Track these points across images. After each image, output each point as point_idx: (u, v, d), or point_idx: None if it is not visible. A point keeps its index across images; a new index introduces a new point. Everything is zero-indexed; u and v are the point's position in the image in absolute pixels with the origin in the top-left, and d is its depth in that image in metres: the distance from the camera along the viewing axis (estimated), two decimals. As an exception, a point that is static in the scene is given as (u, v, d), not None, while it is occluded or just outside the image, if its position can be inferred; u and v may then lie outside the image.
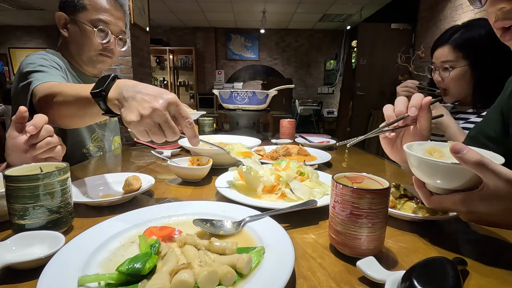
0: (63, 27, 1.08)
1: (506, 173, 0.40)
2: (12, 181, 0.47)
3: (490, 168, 0.40)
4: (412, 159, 0.49)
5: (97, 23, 1.05)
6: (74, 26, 1.06)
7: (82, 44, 1.08)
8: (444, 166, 0.44)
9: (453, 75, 1.09)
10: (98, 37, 1.07)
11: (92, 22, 1.05)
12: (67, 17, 1.07)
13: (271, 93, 1.51)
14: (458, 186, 0.45)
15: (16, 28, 7.03)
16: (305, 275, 0.42)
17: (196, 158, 0.89)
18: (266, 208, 0.59)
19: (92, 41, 1.07)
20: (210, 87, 7.44)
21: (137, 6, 3.26)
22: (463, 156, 0.40)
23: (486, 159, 0.40)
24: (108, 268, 0.40)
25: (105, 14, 1.07)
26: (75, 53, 1.12)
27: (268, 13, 6.00)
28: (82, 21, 1.04)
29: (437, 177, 0.46)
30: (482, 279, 0.41)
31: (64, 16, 1.07)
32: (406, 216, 0.59)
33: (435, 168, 0.45)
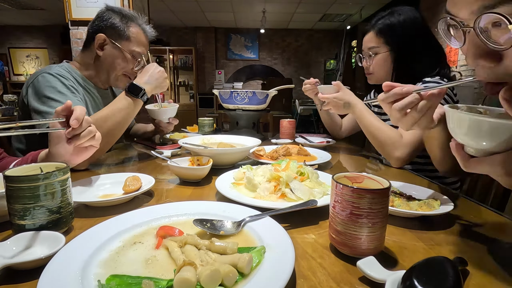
0: (99, 47, 1.17)
1: None
2: (13, 182, 0.47)
3: None
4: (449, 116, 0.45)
5: (136, 55, 1.21)
6: (114, 50, 1.18)
7: (116, 66, 1.20)
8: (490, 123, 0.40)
9: (376, 60, 1.13)
10: (133, 65, 1.22)
11: (132, 53, 1.20)
12: (107, 39, 1.16)
13: (271, 93, 1.51)
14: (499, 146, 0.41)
15: (16, 28, 7.03)
16: (305, 275, 0.42)
17: (196, 158, 0.89)
18: (266, 208, 0.59)
19: (127, 66, 1.21)
20: (210, 87, 7.44)
21: (137, 6, 3.26)
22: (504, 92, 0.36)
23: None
24: (109, 268, 0.40)
25: (142, 47, 1.23)
26: (105, 71, 1.22)
27: (268, 13, 6.00)
28: (125, 50, 1.18)
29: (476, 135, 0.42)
30: (482, 279, 0.41)
31: (104, 37, 1.16)
32: (405, 213, 0.59)
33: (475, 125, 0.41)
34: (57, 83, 1.04)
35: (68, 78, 1.09)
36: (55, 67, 1.11)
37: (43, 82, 1.03)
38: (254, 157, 1.06)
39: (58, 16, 5.88)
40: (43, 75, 1.05)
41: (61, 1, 3.12)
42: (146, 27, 1.26)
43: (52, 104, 0.99)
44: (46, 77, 1.04)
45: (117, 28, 1.16)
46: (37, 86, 1.03)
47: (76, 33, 3.16)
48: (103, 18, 1.16)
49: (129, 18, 1.19)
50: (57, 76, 1.06)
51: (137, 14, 1.24)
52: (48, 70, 1.07)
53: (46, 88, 1.02)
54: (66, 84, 1.06)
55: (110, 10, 1.19)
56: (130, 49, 1.19)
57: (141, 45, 1.22)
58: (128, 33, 1.17)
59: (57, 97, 1.01)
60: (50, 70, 1.07)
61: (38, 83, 1.04)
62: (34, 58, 7.22)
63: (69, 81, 1.09)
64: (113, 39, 1.16)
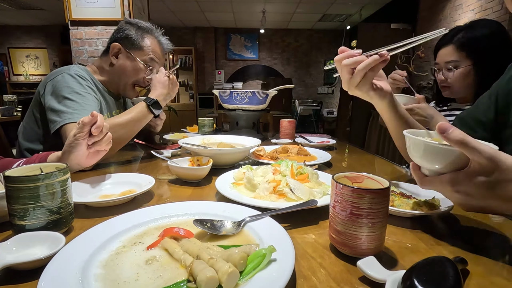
0: (114, 55, 1.21)
1: (488, 150, 0.41)
2: (13, 182, 0.47)
3: (472, 145, 0.41)
4: (406, 140, 0.52)
5: (148, 62, 1.23)
6: (127, 59, 1.21)
7: (128, 74, 1.23)
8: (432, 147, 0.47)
9: (457, 74, 1.10)
10: (144, 73, 1.24)
11: (144, 61, 1.23)
12: (121, 48, 1.20)
13: (271, 93, 1.51)
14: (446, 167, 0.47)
15: (16, 28, 7.03)
16: (306, 275, 0.42)
17: (196, 158, 0.89)
18: (266, 208, 0.59)
19: (139, 75, 1.24)
20: (210, 87, 7.44)
21: (137, 6, 3.26)
22: (448, 135, 0.42)
23: (469, 137, 0.41)
24: (109, 268, 0.40)
25: (155, 57, 1.25)
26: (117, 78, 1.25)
27: (268, 13, 6.00)
28: (137, 58, 1.21)
29: (427, 158, 0.48)
30: (482, 279, 0.41)
31: (118, 47, 1.20)
32: (405, 213, 0.59)
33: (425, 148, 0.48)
34: (75, 84, 1.07)
35: (85, 79, 1.13)
36: (74, 68, 1.14)
37: (61, 82, 1.06)
38: (254, 157, 1.06)
39: (58, 16, 5.89)
40: (63, 75, 1.08)
41: (61, 1, 3.12)
42: (162, 39, 1.30)
43: (68, 103, 1.02)
44: (65, 77, 1.08)
45: (131, 39, 1.20)
46: (55, 85, 1.06)
47: (76, 33, 3.16)
48: (120, 30, 1.22)
49: (145, 30, 1.24)
50: (75, 77, 1.09)
51: (153, 27, 1.28)
52: (67, 71, 1.10)
53: (64, 88, 1.05)
54: (83, 85, 1.09)
55: (128, 23, 1.24)
56: (142, 58, 1.22)
57: (154, 55, 1.24)
58: (141, 44, 1.21)
59: (74, 97, 1.04)
60: (69, 70, 1.10)
61: (57, 82, 1.06)
62: (34, 58, 7.22)
63: (87, 81, 1.13)
64: (127, 48, 1.20)
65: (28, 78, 7.20)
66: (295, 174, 0.74)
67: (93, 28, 3.15)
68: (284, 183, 0.68)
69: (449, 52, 1.11)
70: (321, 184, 0.73)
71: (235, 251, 0.40)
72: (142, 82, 1.26)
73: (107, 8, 3.07)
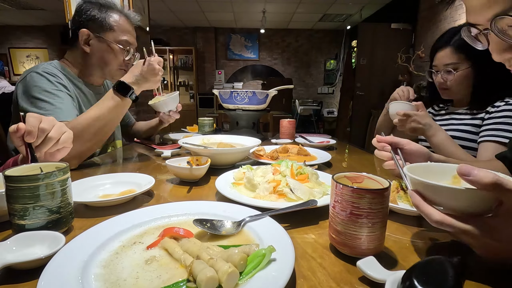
0: (85, 43, 1.14)
1: None
2: (12, 181, 0.47)
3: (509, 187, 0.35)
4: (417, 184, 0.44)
5: (124, 44, 1.18)
6: (101, 44, 1.15)
7: (107, 60, 1.18)
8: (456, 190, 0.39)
9: (457, 77, 1.10)
10: (123, 55, 1.19)
11: (119, 42, 1.17)
12: (91, 34, 1.13)
13: (271, 93, 1.51)
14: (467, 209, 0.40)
15: (16, 28, 7.02)
16: (305, 275, 0.42)
17: (196, 158, 0.89)
18: (266, 208, 0.59)
19: (118, 58, 1.19)
20: (210, 87, 7.44)
21: (137, 6, 3.26)
22: (474, 178, 0.36)
23: (501, 177, 0.36)
24: (108, 268, 0.40)
25: (129, 35, 1.19)
26: (97, 66, 1.20)
27: (268, 13, 5.99)
28: (110, 40, 1.15)
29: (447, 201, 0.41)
30: (482, 279, 0.41)
31: (87, 33, 1.13)
32: (406, 211, 0.59)
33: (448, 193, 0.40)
34: (44, 82, 1.02)
35: (55, 75, 1.07)
36: (43, 65, 1.09)
37: (30, 82, 1.02)
38: (254, 157, 1.06)
39: (58, 16, 5.89)
40: (30, 75, 1.04)
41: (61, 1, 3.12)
42: (129, 12, 1.22)
43: (40, 104, 0.98)
44: (33, 76, 1.03)
45: (98, 20, 1.12)
46: (24, 85, 1.02)
47: (76, 33, 3.16)
48: (82, 12, 1.12)
49: (108, 6, 1.15)
50: (43, 74, 1.04)
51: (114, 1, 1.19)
52: (35, 69, 1.05)
53: (33, 88, 1.00)
54: (52, 81, 1.04)
55: (87, 1, 1.14)
56: (116, 39, 1.15)
57: (126, 32, 1.18)
58: (109, 23, 1.14)
59: (44, 96, 1.00)
60: (37, 68, 1.06)
61: (26, 82, 1.03)
62: (34, 58, 7.22)
63: (56, 77, 1.07)
64: (96, 32, 1.13)
65: (28, 78, 7.19)
66: (295, 174, 0.74)
67: (93, 28, 3.14)
68: (284, 183, 0.68)
69: (448, 55, 1.11)
70: (321, 184, 0.73)
71: (235, 251, 0.40)
72: (125, 65, 1.21)
73: (107, 8, 3.07)
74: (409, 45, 4.75)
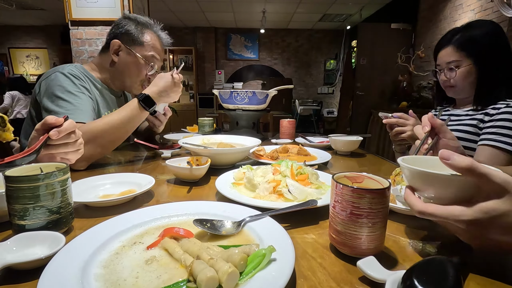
0: (114, 53, 1.20)
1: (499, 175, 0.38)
2: (13, 182, 0.47)
3: (481, 171, 0.37)
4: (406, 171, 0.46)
5: (149, 59, 1.23)
6: (128, 56, 1.20)
7: (131, 72, 1.23)
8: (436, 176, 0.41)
9: (460, 73, 1.12)
10: (147, 70, 1.24)
11: (146, 58, 1.22)
12: (122, 45, 1.19)
13: (271, 93, 1.51)
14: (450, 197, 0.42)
15: (16, 28, 7.03)
16: (305, 275, 0.42)
17: (196, 158, 0.89)
18: (266, 208, 0.59)
19: (141, 71, 1.23)
20: (210, 87, 7.44)
21: (137, 6, 3.26)
22: (452, 162, 0.39)
23: (476, 163, 0.38)
24: (109, 268, 0.40)
25: (156, 53, 1.24)
26: (120, 76, 1.25)
27: (268, 13, 5.99)
28: (138, 55, 1.20)
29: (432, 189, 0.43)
30: (482, 279, 0.41)
31: (118, 43, 1.18)
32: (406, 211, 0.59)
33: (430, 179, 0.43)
34: (68, 83, 1.06)
35: (79, 78, 1.11)
36: (69, 67, 1.13)
37: (55, 81, 1.06)
38: (254, 157, 1.06)
39: (58, 16, 5.89)
40: (56, 74, 1.07)
41: (61, 1, 3.12)
42: (162, 33, 1.28)
43: (61, 103, 1.02)
44: (58, 76, 1.07)
45: (131, 34, 1.19)
46: (49, 84, 1.06)
47: (76, 33, 3.16)
48: (119, 26, 1.19)
49: (144, 25, 1.22)
50: (68, 76, 1.08)
51: (152, 22, 1.26)
52: (61, 70, 1.09)
53: (56, 87, 1.04)
54: (76, 84, 1.08)
55: (126, 18, 1.22)
56: (143, 54, 1.21)
57: (154, 50, 1.23)
58: (141, 39, 1.20)
59: (66, 96, 1.03)
60: (63, 69, 1.10)
61: (50, 81, 1.06)
62: (34, 58, 7.22)
63: (81, 80, 1.11)
64: (127, 45, 1.19)
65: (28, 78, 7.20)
66: (295, 174, 0.74)
67: (93, 28, 3.15)
68: (284, 183, 0.68)
69: (449, 53, 1.13)
70: (321, 184, 0.73)
71: (235, 251, 0.40)
72: (146, 79, 1.25)
73: (107, 8, 3.08)
74: (409, 45, 4.75)
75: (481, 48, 1.08)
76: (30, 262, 0.40)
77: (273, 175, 0.74)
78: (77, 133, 0.71)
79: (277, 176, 0.72)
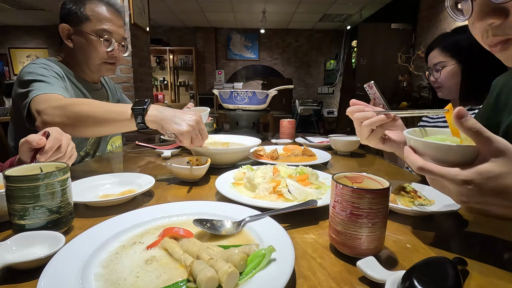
0: (67, 38, 1.12)
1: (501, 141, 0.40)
2: (12, 181, 0.47)
3: (486, 135, 0.40)
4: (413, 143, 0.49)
5: (101, 33, 1.11)
6: (79, 37, 1.11)
7: (88, 53, 1.13)
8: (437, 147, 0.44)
9: (444, 72, 1.21)
10: (103, 46, 1.12)
11: (96, 32, 1.10)
12: (70, 28, 1.10)
13: (271, 93, 1.51)
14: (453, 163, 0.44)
15: (16, 28, 7.03)
16: (305, 275, 0.42)
17: (196, 158, 0.89)
18: (266, 208, 0.59)
19: (98, 50, 1.12)
20: (210, 87, 7.44)
21: (137, 6, 3.26)
22: (464, 121, 0.40)
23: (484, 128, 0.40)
24: (108, 268, 0.40)
25: (108, 23, 1.12)
26: (82, 62, 1.16)
27: (268, 13, 5.99)
28: (87, 32, 1.09)
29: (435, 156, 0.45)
30: (482, 279, 0.41)
31: (67, 27, 1.10)
32: (406, 211, 0.59)
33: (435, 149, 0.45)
34: (38, 69, 1.00)
35: (51, 66, 1.05)
36: (41, 59, 1.08)
37: (25, 70, 1.01)
38: (254, 157, 1.06)
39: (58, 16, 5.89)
40: (26, 65, 1.03)
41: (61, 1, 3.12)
42: None
43: (33, 84, 0.94)
44: (28, 65, 1.02)
45: (75, 12, 1.07)
46: (20, 75, 1.01)
47: (76, 33, 3.16)
48: (62, 7, 1.09)
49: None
50: (39, 64, 1.03)
51: None
52: (31, 62, 1.04)
53: (27, 74, 0.98)
54: (48, 69, 1.02)
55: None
56: (93, 29, 1.09)
57: (103, 21, 1.10)
58: (85, 13, 1.08)
59: (38, 78, 0.96)
60: (33, 61, 1.05)
61: (21, 73, 1.01)
62: (34, 58, 7.22)
63: (54, 68, 1.05)
64: (75, 26, 1.08)
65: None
66: (293, 175, 0.74)
67: (93, 28, 3.14)
68: (284, 183, 0.68)
69: (436, 55, 1.23)
70: (321, 184, 0.73)
71: (235, 251, 0.40)
72: (108, 57, 1.14)
73: (107, 8, 3.07)
74: (409, 45, 4.75)
75: (464, 49, 1.15)
76: (30, 262, 0.40)
77: (273, 175, 0.74)
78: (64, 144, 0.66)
79: (277, 177, 0.72)
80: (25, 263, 0.40)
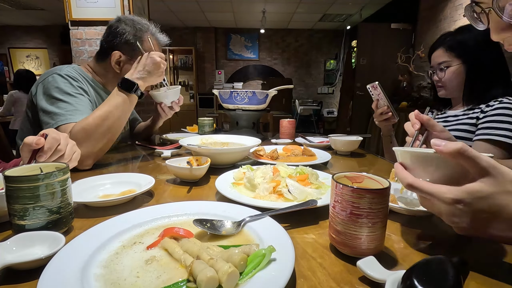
0: (116, 63, 1.18)
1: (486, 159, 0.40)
2: (12, 182, 0.47)
3: (469, 154, 0.39)
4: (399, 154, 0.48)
5: None
6: (129, 66, 1.14)
7: None
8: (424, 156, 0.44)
9: (449, 72, 1.19)
10: None
11: None
12: (122, 55, 1.17)
13: (271, 93, 1.51)
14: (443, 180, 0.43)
15: (16, 28, 7.03)
16: (305, 275, 0.42)
17: (195, 158, 0.89)
18: (266, 208, 0.59)
19: None
20: (210, 87, 7.44)
21: (137, 6, 3.26)
22: (443, 147, 0.40)
23: (466, 146, 0.40)
24: (108, 268, 0.40)
25: None
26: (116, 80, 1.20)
27: (268, 13, 5.99)
28: None
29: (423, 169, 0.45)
30: (482, 279, 0.41)
31: (119, 54, 1.16)
32: (406, 211, 0.59)
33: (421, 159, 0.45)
34: (66, 85, 1.06)
35: (77, 80, 1.11)
36: (66, 68, 1.12)
37: (52, 83, 1.05)
38: (254, 157, 1.06)
39: (58, 16, 5.89)
40: (53, 76, 1.06)
41: (61, 1, 3.12)
42: (159, 35, 1.27)
43: (60, 105, 1.01)
44: (55, 78, 1.06)
45: (131, 44, 1.16)
46: (46, 86, 1.05)
47: (76, 33, 3.16)
48: (117, 34, 1.16)
49: (141, 30, 1.18)
50: (66, 78, 1.07)
51: (148, 23, 1.23)
52: (58, 71, 1.08)
53: (54, 89, 1.03)
54: (74, 85, 1.08)
55: (122, 22, 1.17)
56: None
57: None
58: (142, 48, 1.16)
59: (65, 98, 1.03)
60: (60, 71, 1.09)
61: (47, 83, 1.05)
62: (34, 58, 7.22)
63: (79, 82, 1.11)
64: (128, 56, 1.17)
65: (28, 78, 7.20)
66: (293, 175, 0.74)
67: (93, 28, 3.15)
68: (284, 183, 0.68)
69: (440, 54, 1.20)
70: (321, 184, 0.73)
71: (235, 251, 0.40)
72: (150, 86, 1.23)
73: (107, 8, 3.07)
74: (409, 45, 4.75)
75: (470, 49, 1.14)
76: (30, 262, 0.40)
77: (273, 175, 0.74)
78: (63, 143, 0.67)
79: (277, 177, 0.72)
80: (25, 264, 0.40)
